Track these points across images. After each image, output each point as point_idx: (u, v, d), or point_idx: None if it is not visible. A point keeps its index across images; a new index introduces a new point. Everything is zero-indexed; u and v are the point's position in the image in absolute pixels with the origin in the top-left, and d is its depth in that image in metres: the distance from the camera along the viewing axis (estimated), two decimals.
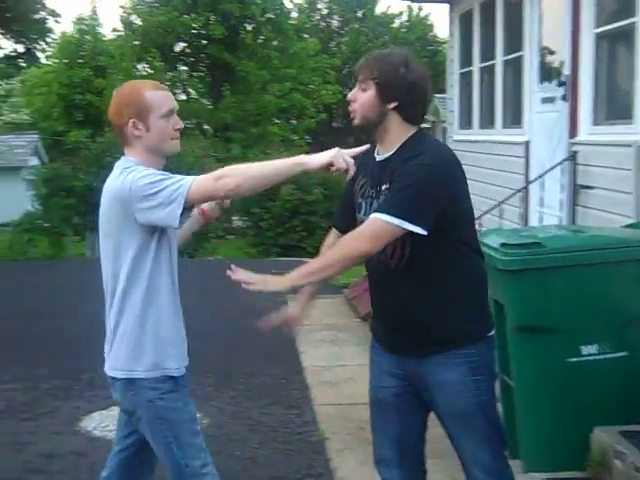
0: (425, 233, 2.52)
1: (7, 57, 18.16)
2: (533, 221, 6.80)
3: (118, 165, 2.69)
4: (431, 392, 2.75)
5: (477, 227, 6.27)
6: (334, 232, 3.03)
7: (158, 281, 2.67)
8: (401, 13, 37.09)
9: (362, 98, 2.66)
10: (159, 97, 2.66)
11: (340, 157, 2.52)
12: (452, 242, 2.65)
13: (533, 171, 6.92)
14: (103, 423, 4.89)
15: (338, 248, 2.58)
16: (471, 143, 8.97)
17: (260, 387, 5.72)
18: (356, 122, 2.71)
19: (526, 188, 6.73)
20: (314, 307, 3.21)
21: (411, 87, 2.62)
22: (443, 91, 24.69)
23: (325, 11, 38.27)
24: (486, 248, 3.88)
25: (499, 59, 7.98)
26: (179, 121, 2.72)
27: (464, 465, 2.84)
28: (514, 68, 7.65)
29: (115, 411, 5.13)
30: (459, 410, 2.72)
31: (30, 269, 12.81)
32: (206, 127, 28.83)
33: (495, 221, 6.35)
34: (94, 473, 4.05)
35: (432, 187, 2.53)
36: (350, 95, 2.71)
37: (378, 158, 2.73)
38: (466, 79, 9.33)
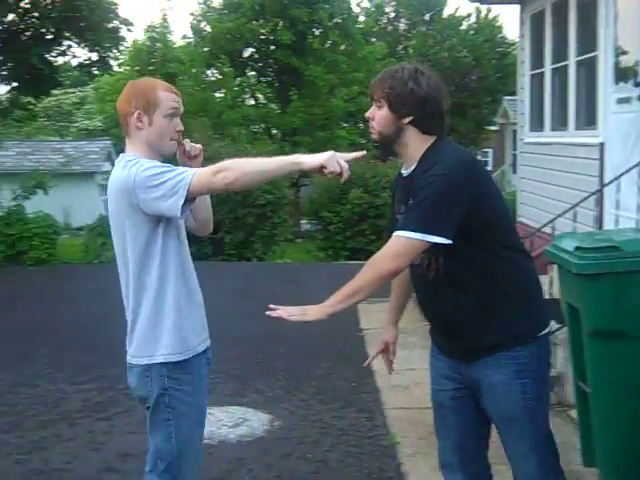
0: (449, 242, 2.54)
1: (81, 65, 18.55)
2: (608, 224, 6.65)
3: (119, 160, 2.76)
4: (482, 395, 2.77)
5: (550, 230, 6.17)
6: None
7: (168, 268, 2.73)
8: (469, 15, 36.69)
9: (378, 116, 2.73)
10: (168, 97, 2.79)
11: (334, 160, 2.59)
12: (485, 246, 2.66)
13: (608, 173, 6.77)
14: None
15: (367, 270, 2.61)
16: (542, 145, 8.83)
17: (331, 390, 5.74)
18: (374, 138, 2.78)
19: (601, 191, 6.59)
20: (382, 311, 3.25)
21: (423, 100, 2.66)
22: (513, 93, 24.24)
23: (392, 14, 38.17)
24: (560, 252, 3.81)
25: (572, 60, 7.83)
26: (180, 124, 2.82)
27: (513, 473, 2.83)
28: (588, 69, 7.50)
29: None
30: (505, 413, 2.73)
31: (103, 272, 13.08)
32: (274, 131, 29.05)
33: (569, 224, 6.23)
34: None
35: (448, 195, 2.55)
36: (368, 113, 2.78)
37: (404, 174, 2.79)
38: (537, 81, 9.18)
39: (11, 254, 13.79)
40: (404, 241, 2.56)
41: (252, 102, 29.42)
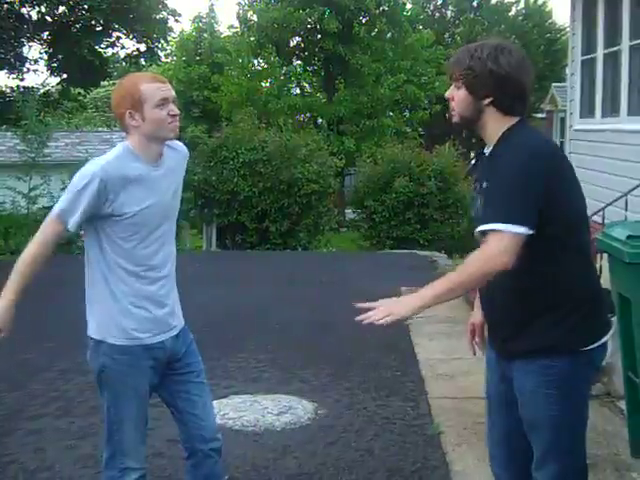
0: (532, 232, 2.43)
1: (129, 56, 18.74)
2: None
3: (119, 146, 2.92)
4: (515, 394, 2.72)
5: (600, 219, 6.05)
6: None
7: (105, 263, 2.88)
8: (518, 1, 36.24)
9: (457, 97, 2.62)
10: (153, 88, 2.84)
11: None
12: (546, 244, 2.50)
13: None
14: (222, 411, 5.00)
15: (474, 264, 2.46)
16: (593, 132, 8.68)
17: (376, 379, 5.73)
18: (455, 120, 2.67)
19: None
20: None
21: (503, 81, 2.53)
22: (561, 80, 23.79)
23: (439, 1, 37.83)
24: (611, 240, 3.75)
25: (625, 44, 7.67)
26: (174, 108, 2.88)
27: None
28: None
29: (234, 400, 5.27)
30: (529, 418, 2.68)
31: None
32: (320, 120, 29.04)
33: (620, 213, 6.12)
34: None
35: (527, 185, 2.43)
36: (447, 94, 2.68)
37: (487, 152, 2.67)
38: (588, 66, 9.02)
39: (60, 243, 14.00)
40: (512, 236, 2.41)
41: (298, 91, 29.42)
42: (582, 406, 2.68)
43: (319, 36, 28.18)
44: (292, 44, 29.50)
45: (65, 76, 17.54)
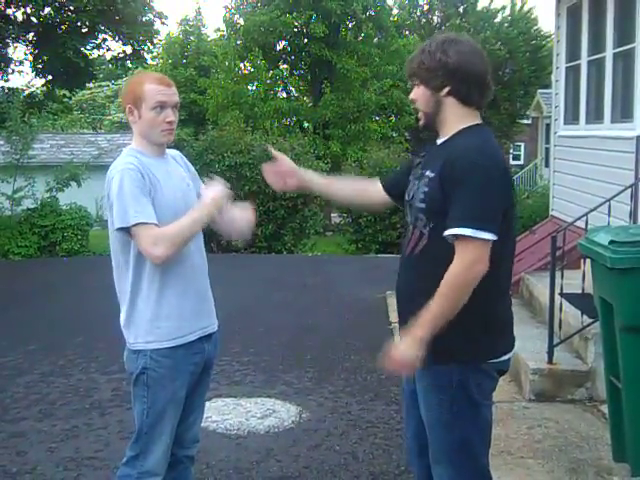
0: (496, 238, 2.47)
1: (115, 58, 18.67)
2: None
3: (125, 150, 2.93)
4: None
5: (583, 224, 6.09)
6: (376, 182, 3.06)
7: (144, 267, 2.82)
8: (504, 7, 36.30)
9: (417, 94, 2.69)
10: (154, 90, 2.85)
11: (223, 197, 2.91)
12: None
13: None
14: (206, 414, 4.95)
15: (455, 280, 2.46)
16: (577, 138, 8.72)
17: (360, 382, 5.73)
18: (422, 123, 2.73)
19: (636, 184, 6.49)
20: None
21: (455, 69, 2.59)
22: (546, 86, 23.94)
23: (426, 7, 37.90)
24: (594, 245, 3.77)
25: (609, 52, 7.72)
26: (171, 114, 2.88)
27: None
28: (625, 61, 7.38)
29: (218, 403, 5.25)
30: (424, 416, 2.72)
31: None
32: (306, 124, 29.03)
33: (603, 219, 6.15)
34: (198, 462, 4.15)
35: (496, 192, 2.51)
36: (411, 95, 2.73)
37: (438, 142, 2.74)
38: (573, 73, 9.06)
39: (44, 245, 13.96)
40: (477, 243, 2.46)
41: (284, 95, 29.42)
42: (476, 415, 2.64)
43: (306, 40, 28.19)
44: (279, 48, 29.49)
45: (50, 77, 17.44)
